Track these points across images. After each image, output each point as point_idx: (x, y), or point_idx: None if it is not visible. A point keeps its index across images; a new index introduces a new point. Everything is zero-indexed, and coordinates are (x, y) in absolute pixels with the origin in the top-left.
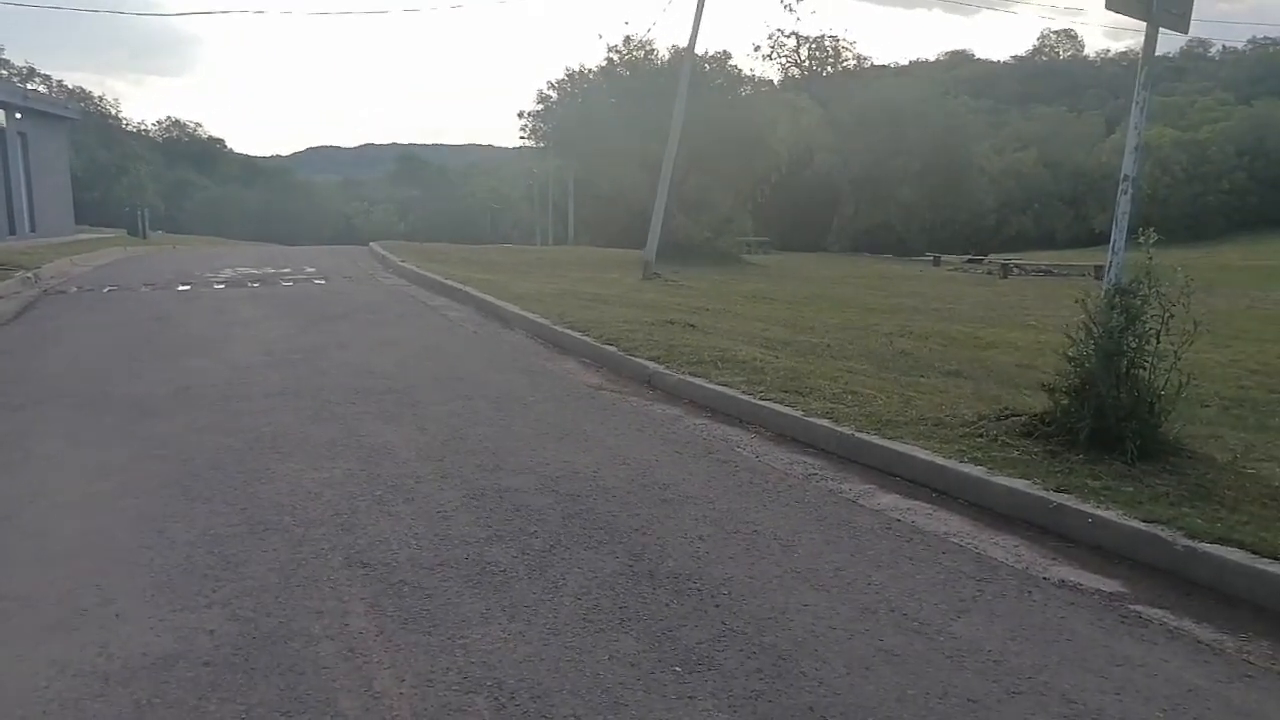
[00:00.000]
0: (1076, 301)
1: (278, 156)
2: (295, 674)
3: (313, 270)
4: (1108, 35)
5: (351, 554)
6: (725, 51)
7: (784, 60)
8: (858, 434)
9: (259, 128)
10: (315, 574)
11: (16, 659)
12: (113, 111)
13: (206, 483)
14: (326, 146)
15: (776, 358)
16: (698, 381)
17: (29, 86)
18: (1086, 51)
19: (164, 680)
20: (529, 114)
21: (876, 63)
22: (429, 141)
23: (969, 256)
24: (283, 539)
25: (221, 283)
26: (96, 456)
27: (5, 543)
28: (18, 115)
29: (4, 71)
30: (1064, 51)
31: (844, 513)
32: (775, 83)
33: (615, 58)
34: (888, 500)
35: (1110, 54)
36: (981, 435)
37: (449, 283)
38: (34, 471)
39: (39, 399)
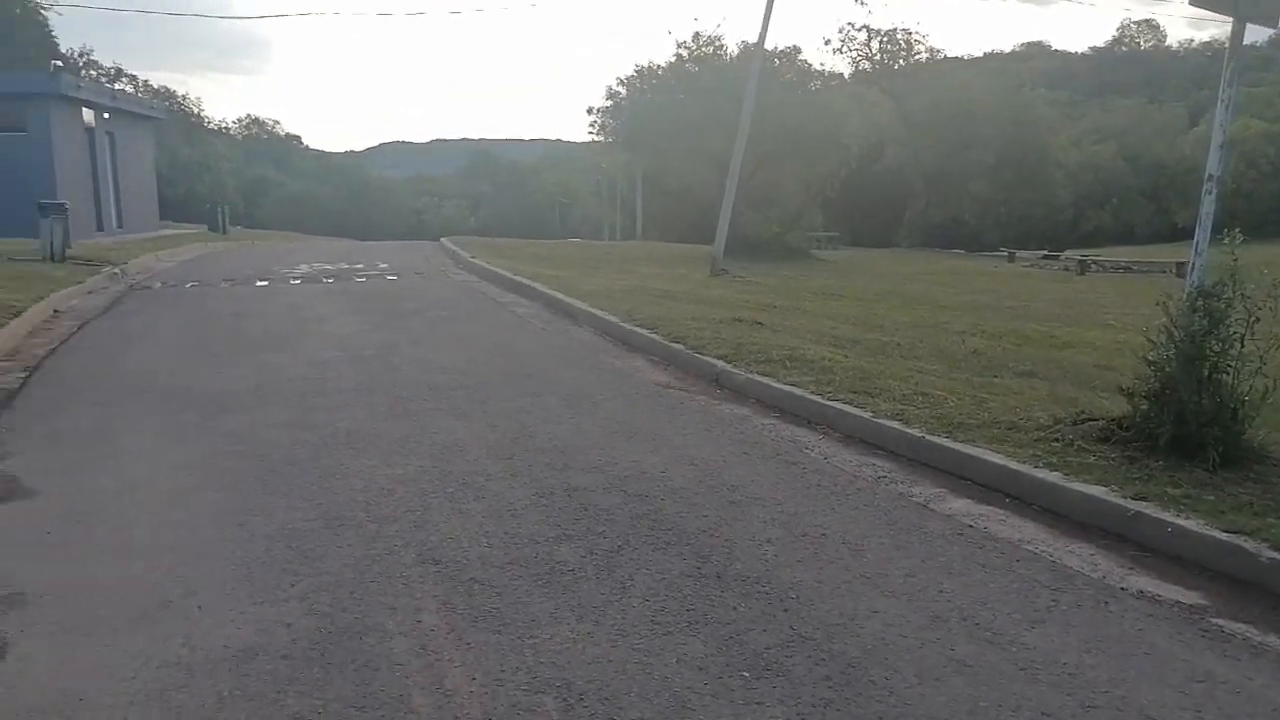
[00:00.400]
0: (1158, 304)
1: (351, 152)
2: (370, 669)
3: (385, 266)
4: (1191, 25)
5: (424, 551)
6: (795, 46)
7: (854, 54)
8: (928, 436)
9: (333, 124)
10: (389, 570)
11: (106, 649)
12: (195, 110)
13: (284, 478)
14: (398, 142)
15: (845, 357)
16: (766, 381)
17: (116, 87)
18: (1169, 41)
19: (244, 673)
20: (598, 110)
21: (949, 55)
22: (499, 137)
23: (1045, 252)
24: (357, 535)
25: (297, 278)
26: (179, 451)
27: (95, 535)
28: (106, 115)
29: (93, 73)
30: (1145, 41)
31: (914, 517)
32: (845, 77)
33: (684, 54)
34: (959, 505)
35: (1194, 44)
36: (1057, 439)
37: (518, 279)
38: (122, 466)
39: (126, 394)
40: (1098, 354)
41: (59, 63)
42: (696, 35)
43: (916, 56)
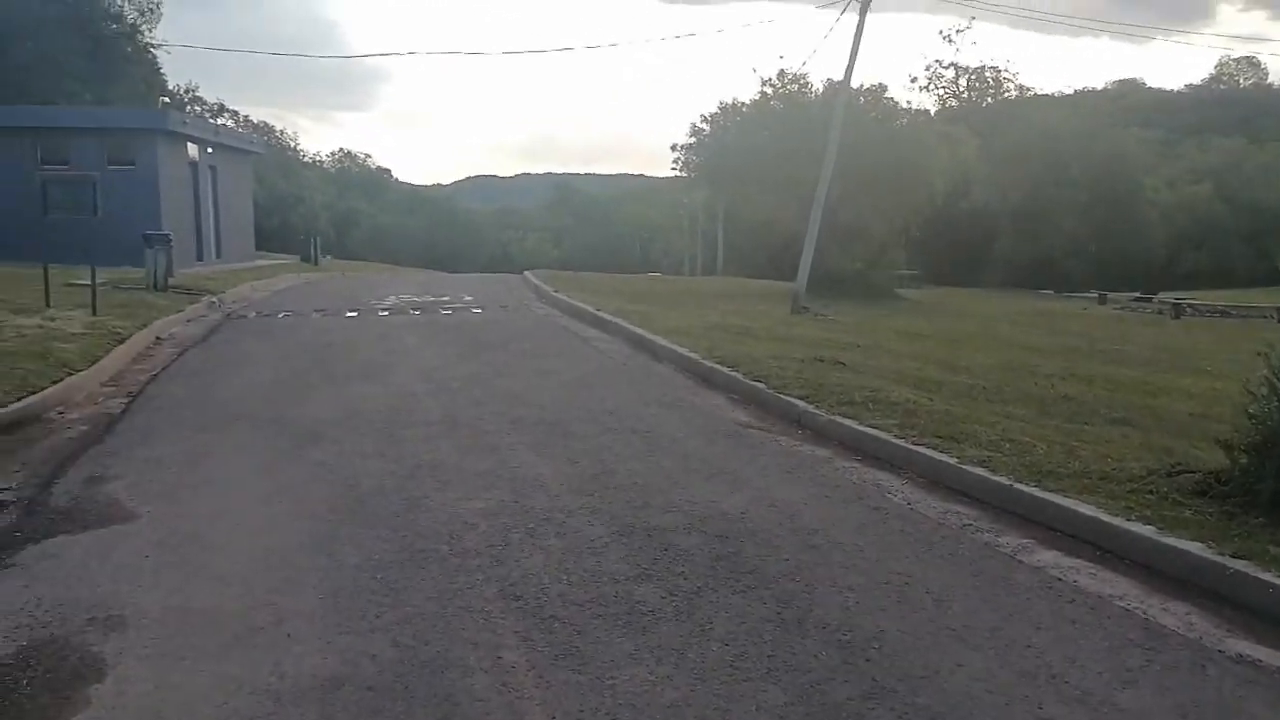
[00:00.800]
0: (1259, 353)
1: (439, 185)
2: (451, 704)
3: (470, 299)
4: None
5: (505, 586)
6: (881, 84)
7: (942, 91)
8: (1016, 485)
9: (422, 158)
10: (470, 604)
11: (200, 673)
12: (292, 144)
13: (371, 508)
14: (485, 176)
15: (930, 399)
16: (848, 423)
17: (219, 122)
18: (1270, 79)
19: (330, 703)
20: (682, 146)
21: (1040, 92)
22: (582, 171)
23: (1137, 294)
24: (440, 568)
25: (385, 310)
26: (272, 479)
27: (191, 559)
28: (209, 150)
29: (197, 108)
30: (1244, 79)
31: (1001, 568)
32: (932, 114)
33: (769, 91)
34: (1048, 557)
35: None
36: (1151, 491)
37: (600, 314)
38: (217, 491)
39: (222, 421)
40: (1194, 402)
41: (166, 100)
42: (782, 73)
43: (1005, 94)
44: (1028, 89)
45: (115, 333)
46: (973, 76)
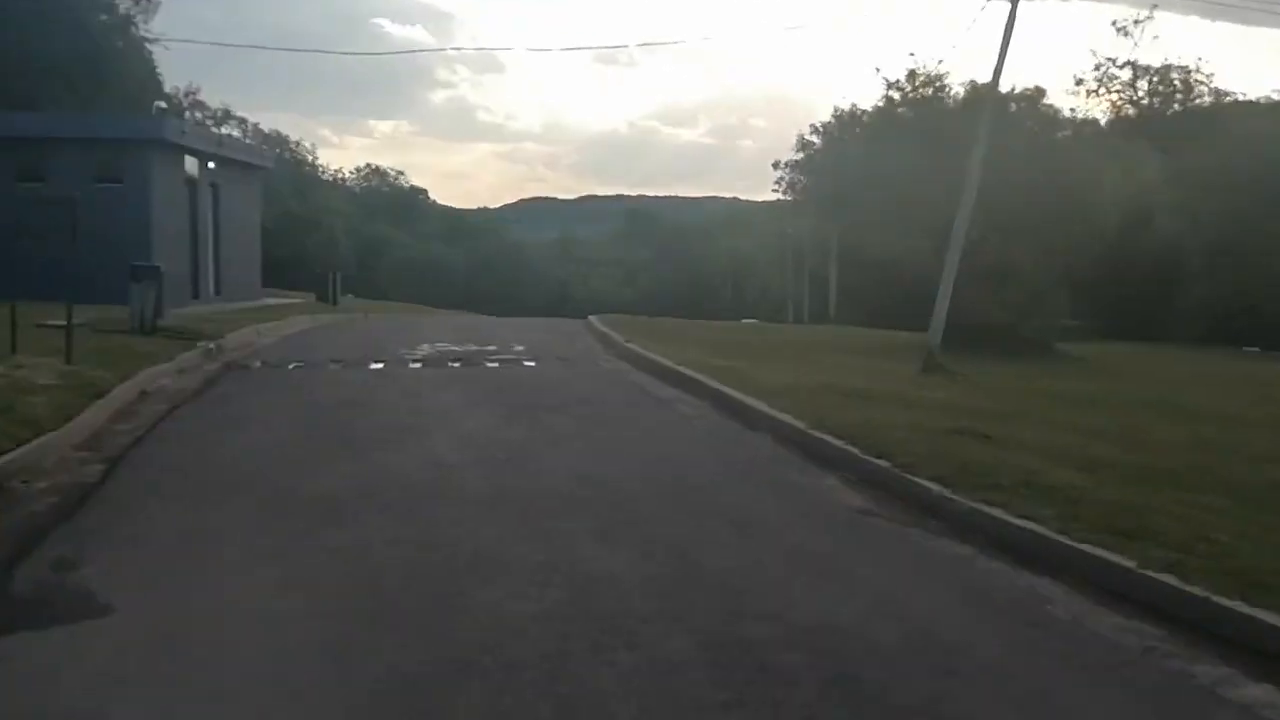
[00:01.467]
0: None
1: (484, 210)
2: None
3: (521, 349)
4: None
5: (563, 711)
6: (1038, 88)
7: (1115, 97)
8: (1214, 597)
9: (465, 176)
10: None
11: None
12: (309, 158)
13: (396, 608)
14: (541, 199)
15: (1100, 485)
16: (995, 512)
17: (223, 131)
18: None
19: None
20: (786, 164)
21: (1242, 98)
22: (661, 193)
23: None
24: (482, 686)
25: (418, 361)
26: (278, 568)
27: (179, 667)
28: (210, 165)
29: (198, 115)
30: None
31: (1196, 706)
32: (1102, 124)
33: (895, 96)
34: (1257, 693)
35: None
36: None
37: (681, 370)
38: (211, 582)
39: (219, 495)
40: None
41: (162, 104)
42: (912, 74)
43: (1196, 100)
44: (1226, 94)
45: (93, 384)
46: (1155, 79)
